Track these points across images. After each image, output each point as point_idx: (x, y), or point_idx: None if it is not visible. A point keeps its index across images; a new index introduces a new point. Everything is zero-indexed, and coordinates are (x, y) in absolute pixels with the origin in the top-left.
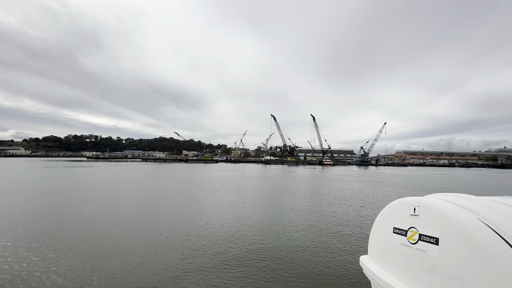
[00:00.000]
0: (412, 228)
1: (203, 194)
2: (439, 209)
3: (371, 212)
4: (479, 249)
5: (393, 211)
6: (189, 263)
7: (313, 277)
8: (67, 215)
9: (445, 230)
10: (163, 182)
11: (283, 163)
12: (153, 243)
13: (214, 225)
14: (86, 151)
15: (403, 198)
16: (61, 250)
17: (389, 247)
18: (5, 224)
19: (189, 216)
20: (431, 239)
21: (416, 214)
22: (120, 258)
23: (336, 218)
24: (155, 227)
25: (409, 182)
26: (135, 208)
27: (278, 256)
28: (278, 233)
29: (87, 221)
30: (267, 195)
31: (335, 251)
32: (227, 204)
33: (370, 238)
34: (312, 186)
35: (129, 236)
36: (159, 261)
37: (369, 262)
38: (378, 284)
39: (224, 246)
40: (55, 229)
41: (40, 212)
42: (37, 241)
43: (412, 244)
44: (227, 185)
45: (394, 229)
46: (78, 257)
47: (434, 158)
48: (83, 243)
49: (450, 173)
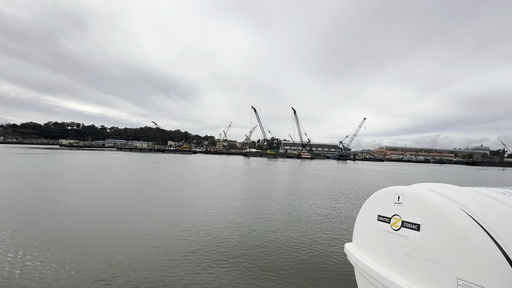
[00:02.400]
0: (395, 216)
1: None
2: (422, 197)
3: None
4: (457, 234)
5: (378, 200)
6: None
7: (297, 264)
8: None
9: (426, 217)
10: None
11: (261, 155)
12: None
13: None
14: (67, 139)
15: (388, 187)
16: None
17: (373, 234)
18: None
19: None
20: (413, 226)
21: (400, 202)
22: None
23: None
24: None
25: (352, 177)
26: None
27: (261, 247)
28: (258, 226)
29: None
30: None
31: (319, 240)
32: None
33: (355, 226)
34: (258, 179)
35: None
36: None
37: (353, 249)
38: (361, 269)
39: (200, 243)
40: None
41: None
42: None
43: (395, 230)
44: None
45: (378, 216)
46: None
47: (413, 154)
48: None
49: (411, 168)
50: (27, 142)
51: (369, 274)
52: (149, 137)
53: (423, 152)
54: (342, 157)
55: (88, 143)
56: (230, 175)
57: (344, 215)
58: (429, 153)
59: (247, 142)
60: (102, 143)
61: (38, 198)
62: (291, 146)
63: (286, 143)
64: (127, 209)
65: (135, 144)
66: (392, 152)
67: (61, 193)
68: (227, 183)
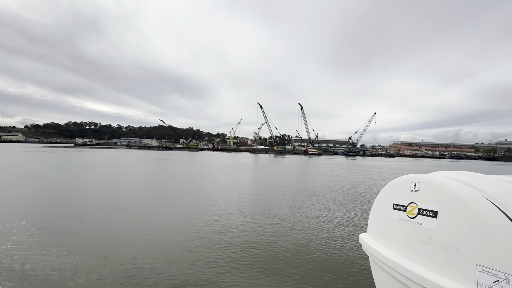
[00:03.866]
0: (411, 204)
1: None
2: (439, 183)
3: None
4: (477, 220)
5: (393, 188)
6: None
7: (313, 255)
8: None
9: (443, 203)
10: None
11: (267, 152)
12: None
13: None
14: (85, 138)
15: (404, 176)
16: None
17: (388, 223)
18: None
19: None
20: (430, 213)
21: (416, 189)
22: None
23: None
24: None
25: (347, 175)
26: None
27: (278, 238)
28: (271, 221)
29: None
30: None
31: (334, 231)
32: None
33: (370, 216)
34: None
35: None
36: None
37: (368, 239)
38: (376, 258)
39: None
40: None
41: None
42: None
43: (411, 218)
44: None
45: (394, 205)
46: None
47: (429, 150)
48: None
49: (417, 164)
50: (46, 141)
51: (384, 263)
52: (162, 135)
53: (440, 147)
54: (351, 153)
55: (103, 141)
56: (216, 172)
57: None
58: (446, 148)
59: (255, 139)
60: (115, 141)
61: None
62: (301, 143)
63: (296, 140)
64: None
65: (146, 142)
66: (406, 147)
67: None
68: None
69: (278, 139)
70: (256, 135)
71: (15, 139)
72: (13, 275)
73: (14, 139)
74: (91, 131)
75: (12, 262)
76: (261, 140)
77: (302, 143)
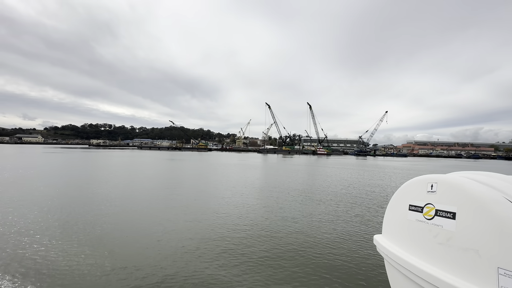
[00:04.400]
0: (428, 205)
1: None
2: (457, 184)
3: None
4: (497, 221)
5: (409, 189)
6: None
7: (326, 256)
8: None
9: (462, 204)
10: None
11: (275, 152)
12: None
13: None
14: (100, 139)
15: (420, 176)
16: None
17: (404, 224)
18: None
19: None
20: (448, 214)
21: (433, 190)
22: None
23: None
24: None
25: (348, 175)
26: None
27: (292, 238)
28: (286, 219)
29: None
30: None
31: (348, 232)
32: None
33: (385, 217)
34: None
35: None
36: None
37: (383, 240)
38: (391, 260)
39: (230, 238)
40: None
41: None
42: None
43: (428, 219)
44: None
45: (410, 206)
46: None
47: (444, 149)
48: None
49: (428, 164)
50: (63, 142)
51: (400, 265)
52: (173, 136)
53: (456, 147)
54: (361, 152)
55: (117, 142)
56: (215, 173)
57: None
58: (463, 148)
59: (264, 139)
60: (127, 142)
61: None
62: (311, 142)
63: (306, 139)
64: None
65: (156, 143)
66: (421, 147)
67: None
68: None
69: (289, 139)
70: (265, 135)
71: (34, 140)
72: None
73: (34, 140)
74: (106, 133)
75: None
76: (271, 140)
77: (312, 143)
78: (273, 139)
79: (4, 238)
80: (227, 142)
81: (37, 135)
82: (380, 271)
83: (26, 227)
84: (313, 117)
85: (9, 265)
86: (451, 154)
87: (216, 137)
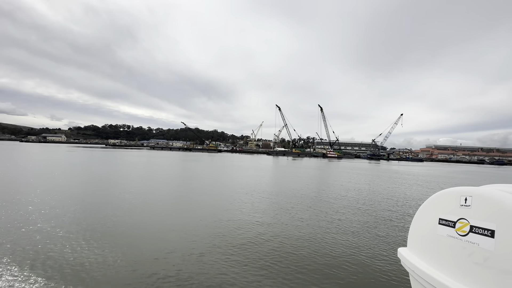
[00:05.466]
0: (461, 220)
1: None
2: (497, 199)
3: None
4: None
5: (439, 202)
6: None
7: (349, 268)
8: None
9: (502, 221)
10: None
11: (284, 154)
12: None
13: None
14: (119, 139)
15: (452, 188)
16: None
17: (432, 239)
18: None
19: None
20: (485, 231)
21: (467, 204)
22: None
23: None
24: None
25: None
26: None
27: (312, 248)
28: (307, 227)
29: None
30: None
31: (370, 244)
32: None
33: (411, 230)
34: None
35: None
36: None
37: (409, 254)
38: (418, 276)
39: (251, 239)
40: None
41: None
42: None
43: (461, 236)
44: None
45: (440, 220)
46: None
47: (466, 154)
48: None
49: (444, 169)
50: (83, 142)
51: (428, 282)
52: (188, 137)
53: (480, 152)
54: (374, 156)
55: (134, 143)
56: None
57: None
58: (488, 153)
59: (276, 141)
60: (142, 142)
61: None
62: (324, 145)
63: (320, 142)
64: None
65: (171, 144)
66: (440, 151)
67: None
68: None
69: (302, 142)
70: (276, 137)
71: (57, 139)
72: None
73: (57, 139)
74: (124, 133)
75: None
76: (284, 142)
77: (324, 145)
78: (286, 142)
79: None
80: (240, 143)
81: (61, 134)
82: (404, 287)
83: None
84: (325, 120)
85: (15, 253)
86: (473, 160)
87: (229, 138)
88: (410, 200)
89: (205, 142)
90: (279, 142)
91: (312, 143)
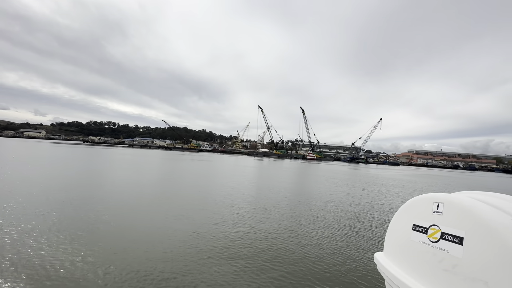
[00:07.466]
0: (433, 226)
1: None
2: (466, 206)
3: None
4: (510, 250)
5: (413, 208)
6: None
7: (325, 271)
8: None
9: (471, 229)
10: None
11: (264, 155)
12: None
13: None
14: (104, 136)
15: (426, 194)
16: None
17: (406, 244)
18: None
19: None
20: (455, 238)
21: (439, 211)
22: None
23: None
24: None
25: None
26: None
27: (289, 252)
28: (285, 230)
29: None
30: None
31: (348, 248)
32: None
33: (387, 235)
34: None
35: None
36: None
37: (384, 260)
38: (392, 282)
39: (221, 245)
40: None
41: None
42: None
43: (432, 242)
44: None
45: (413, 226)
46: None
47: (444, 159)
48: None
49: (412, 173)
50: (62, 138)
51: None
52: (175, 136)
53: (457, 158)
54: (353, 159)
55: (118, 140)
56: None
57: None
58: (464, 159)
59: (260, 142)
60: (123, 140)
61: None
62: (308, 148)
63: (304, 145)
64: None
65: (155, 142)
66: (420, 156)
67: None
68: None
69: (291, 143)
70: (261, 138)
71: (35, 135)
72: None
73: (34, 135)
74: (109, 130)
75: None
76: (272, 144)
77: (308, 148)
78: (274, 143)
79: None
80: (228, 144)
81: (41, 130)
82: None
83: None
84: (306, 122)
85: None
86: (448, 165)
87: (217, 138)
88: (336, 202)
89: (191, 142)
90: (268, 143)
91: (299, 145)
